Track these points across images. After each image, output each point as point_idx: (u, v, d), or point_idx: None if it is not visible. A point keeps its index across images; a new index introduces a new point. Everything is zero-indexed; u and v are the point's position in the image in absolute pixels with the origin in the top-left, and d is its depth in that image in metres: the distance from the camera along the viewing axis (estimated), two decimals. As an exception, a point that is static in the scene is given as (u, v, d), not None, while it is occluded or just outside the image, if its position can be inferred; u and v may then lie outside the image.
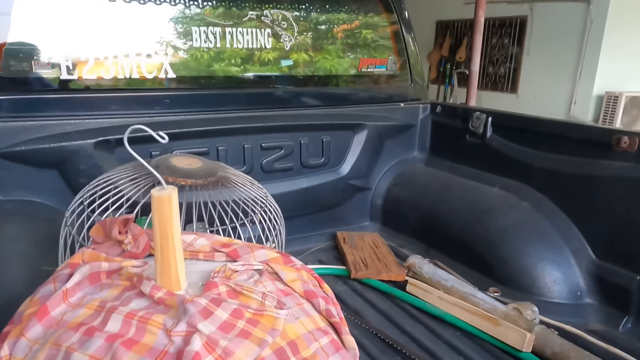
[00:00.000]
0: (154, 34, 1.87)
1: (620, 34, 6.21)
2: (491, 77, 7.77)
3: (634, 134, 1.53)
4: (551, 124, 1.84)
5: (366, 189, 2.30)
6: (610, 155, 1.59)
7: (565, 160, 1.74)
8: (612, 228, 1.61)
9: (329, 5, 2.16)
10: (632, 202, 1.54)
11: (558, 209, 1.76)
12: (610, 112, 6.24)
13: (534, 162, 1.85)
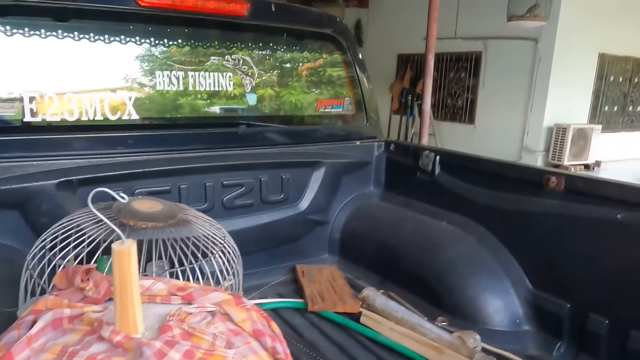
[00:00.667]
0: (118, 75, 1.96)
1: (566, 70, 6.69)
2: (450, 109, 8.15)
3: (561, 174, 1.71)
4: (490, 163, 2.02)
5: (324, 223, 2.41)
6: (542, 193, 1.76)
7: (504, 197, 1.91)
8: (545, 260, 1.77)
9: (288, 50, 2.31)
10: (561, 236, 1.71)
11: (499, 242, 1.91)
12: (560, 143, 6.65)
13: (477, 198, 2.02)
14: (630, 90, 7.47)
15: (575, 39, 6.61)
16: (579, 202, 1.65)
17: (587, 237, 1.63)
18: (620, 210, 1.53)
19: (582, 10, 6.54)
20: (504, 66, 7.15)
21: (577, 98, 6.99)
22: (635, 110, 7.65)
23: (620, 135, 7.55)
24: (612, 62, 7.13)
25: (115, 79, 1.93)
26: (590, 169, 6.81)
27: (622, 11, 6.93)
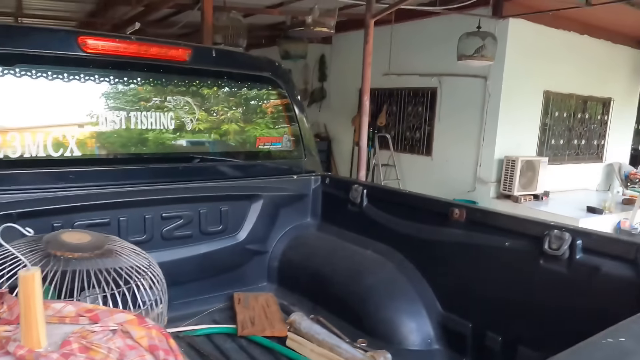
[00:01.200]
0: (62, 114, 2.10)
1: (514, 106, 7.13)
2: (409, 141, 8.49)
3: (462, 206, 1.93)
4: (406, 196, 2.23)
5: (263, 252, 2.56)
6: (448, 223, 1.97)
7: (419, 227, 2.11)
8: (452, 284, 1.96)
9: (228, 91, 2.51)
10: (464, 262, 1.91)
11: (415, 268, 2.10)
12: (510, 174, 7.02)
13: (397, 228, 2.21)
14: (574, 125, 7.98)
15: (522, 77, 7.08)
16: (477, 232, 1.86)
17: (483, 262, 1.84)
18: (507, 238, 1.74)
19: (527, 51, 7.05)
20: (458, 101, 7.57)
21: (526, 132, 7.43)
22: (580, 143, 8.15)
23: (566, 167, 8.01)
24: (557, 99, 7.64)
25: (60, 118, 2.07)
26: (539, 198, 7.18)
27: (564, 54, 7.49)
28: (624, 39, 8.11)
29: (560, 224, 1.62)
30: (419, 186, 8.24)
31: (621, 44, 8.19)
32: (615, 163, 8.69)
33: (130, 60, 2.16)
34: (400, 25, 8.19)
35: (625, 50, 8.35)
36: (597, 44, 7.92)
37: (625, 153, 9.02)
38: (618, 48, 8.21)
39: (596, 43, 7.90)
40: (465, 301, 1.89)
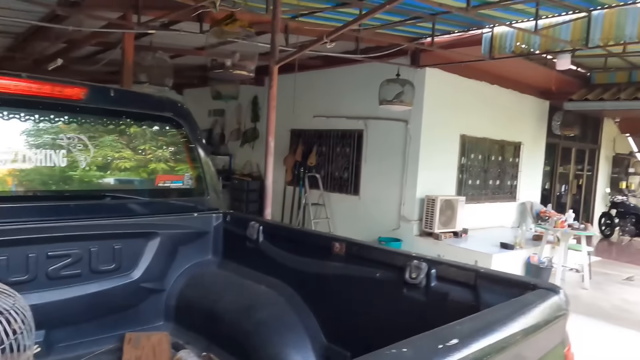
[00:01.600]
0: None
1: (433, 148, 7.59)
2: (338, 181, 8.74)
3: (342, 240, 2.05)
4: (296, 232, 2.34)
5: (160, 291, 2.54)
6: (331, 257, 2.08)
7: (307, 262, 2.21)
8: (334, 315, 2.05)
9: (126, 129, 2.54)
10: (344, 294, 2.02)
11: (303, 302, 2.18)
12: (430, 213, 7.38)
13: (288, 262, 2.30)
14: (489, 167, 8.59)
15: (440, 122, 7.60)
16: (354, 264, 1.98)
17: (359, 293, 1.95)
18: (378, 270, 1.87)
19: (444, 98, 7.60)
20: (382, 143, 7.95)
21: (446, 172, 7.90)
22: (495, 184, 8.75)
23: (483, 205, 8.54)
24: (473, 142, 8.22)
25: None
26: (459, 235, 7.57)
27: (478, 101, 8.14)
28: (529, 89, 8.96)
29: (419, 254, 1.78)
30: (347, 225, 8.44)
31: (528, 94, 9.04)
32: (528, 202, 9.38)
33: (24, 98, 2.16)
34: (329, 70, 8.61)
35: (532, 99, 9.21)
36: (506, 94, 8.69)
37: (536, 192, 9.76)
38: (525, 97, 9.05)
39: (506, 92, 8.67)
40: (345, 331, 1.98)
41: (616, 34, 5.30)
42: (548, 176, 10.31)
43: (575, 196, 11.08)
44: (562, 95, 8.83)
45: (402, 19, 5.70)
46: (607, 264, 8.38)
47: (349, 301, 1.98)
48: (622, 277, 7.48)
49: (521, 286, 1.43)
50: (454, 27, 6.19)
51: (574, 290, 6.72)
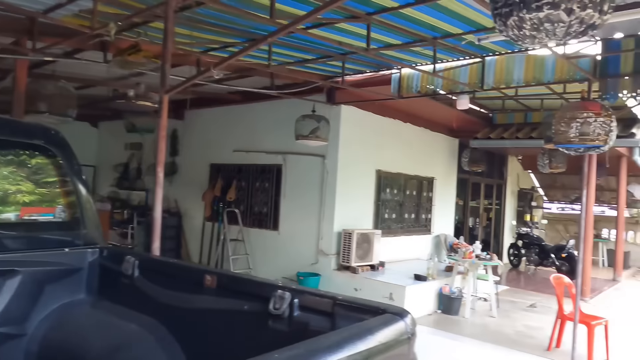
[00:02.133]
0: None
1: (350, 182, 7.74)
2: (257, 216, 8.61)
3: (214, 272, 1.96)
4: (170, 265, 2.21)
5: (20, 335, 2.27)
6: (203, 291, 1.97)
7: (180, 297, 2.08)
8: (203, 351, 1.93)
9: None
10: (214, 330, 1.91)
11: (174, 339, 2.03)
12: (347, 246, 7.43)
13: (163, 299, 2.15)
14: (404, 201, 8.88)
15: (355, 157, 7.79)
16: (225, 297, 1.89)
17: (228, 327, 1.85)
18: (246, 302, 1.79)
19: (359, 134, 7.84)
20: (301, 178, 7.99)
21: (363, 206, 8.05)
22: (410, 217, 9.04)
23: (400, 238, 8.76)
24: (388, 177, 8.49)
25: None
26: (375, 268, 7.66)
27: (392, 138, 8.48)
28: (440, 128, 9.50)
29: (284, 284, 1.73)
30: (267, 260, 8.28)
31: (438, 132, 9.57)
32: (442, 234, 9.76)
33: None
34: (249, 105, 8.62)
35: (443, 137, 9.76)
36: (419, 131, 9.14)
37: (449, 225, 10.20)
38: (436, 135, 9.57)
39: (418, 130, 9.12)
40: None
41: (506, 78, 5.79)
42: (460, 209, 10.84)
43: (486, 228, 11.72)
44: (469, 134, 9.44)
45: (314, 57, 5.86)
46: (514, 292, 8.82)
47: (218, 336, 1.87)
48: (527, 304, 7.89)
49: (372, 311, 1.42)
50: (365, 67, 6.47)
51: (483, 318, 6.97)
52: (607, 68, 5.15)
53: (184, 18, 4.35)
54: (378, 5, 4.12)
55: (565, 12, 2.05)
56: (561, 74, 5.43)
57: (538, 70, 5.58)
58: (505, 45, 5.29)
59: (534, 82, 5.61)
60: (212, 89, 7.82)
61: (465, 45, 5.15)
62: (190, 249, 9.59)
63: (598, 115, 4.76)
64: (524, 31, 2.20)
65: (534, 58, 5.61)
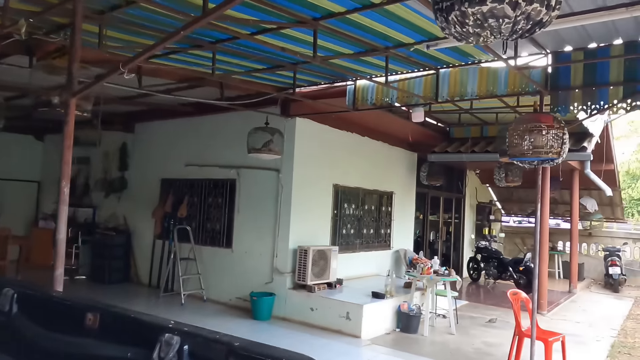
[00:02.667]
0: None
1: (306, 197, 7.41)
2: (210, 233, 8.15)
3: (97, 309, 1.58)
4: (50, 300, 1.81)
5: None
6: (83, 332, 1.59)
7: (60, 340, 1.68)
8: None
9: None
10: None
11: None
12: (303, 264, 7.07)
13: (43, 342, 1.75)
14: (363, 216, 8.62)
15: (312, 171, 7.49)
16: (108, 341, 1.51)
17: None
18: (130, 348, 1.42)
19: (316, 148, 7.55)
20: (255, 193, 7.61)
21: (320, 222, 7.72)
22: (369, 232, 8.79)
23: (359, 254, 8.47)
24: (346, 192, 8.22)
25: None
26: (333, 286, 7.32)
27: (350, 152, 8.24)
28: (398, 142, 9.34)
29: (178, 324, 1.37)
30: (220, 280, 7.82)
31: (397, 146, 9.41)
32: (402, 249, 9.55)
33: None
34: (202, 117, 8.22)
35: (401, 151, 9.60)
36: (377, 145, 8.95)
37: (409, 240, 10.01)
38: (395, 149, 9.41)
39: (376, 144, 8.93)
40: None
41: (460, 91, 5.65)
42: (420, 224, 10.69)
43: (446, 242, 11.62)
44: (427, 148, 9.33)
45: (264, 66, 5.56)
46: (473, 307, 8.66)
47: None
48: (486, 319, 7.72)
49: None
50: (319, 78, 6.21)
51: (442, 336, 6.73)
52: (558, 81, 5.07)
53: (116, 20, 3.97)
54: (324, 10, 3.87)
55: (510, 5, 1.82)
56: (514, 86, 5.32)
57: (491, 82, 5.47)
58: (458, 57, 5.16)
59: (487, 95, 5.48)
60: (162, 99, 7.40)
61: (417, 56, 4.97)
62: (140, 269, 8.99)
63: (551, 128, 4.64)
64: (467, 28, 1.96)
65: (487, 70, 5.51)
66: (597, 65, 4.86)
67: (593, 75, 4.88)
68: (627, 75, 4.71)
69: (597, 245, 13.29)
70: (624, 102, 4.75)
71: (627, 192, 24.54)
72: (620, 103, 4.77)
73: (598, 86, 4.87)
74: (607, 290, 11.60)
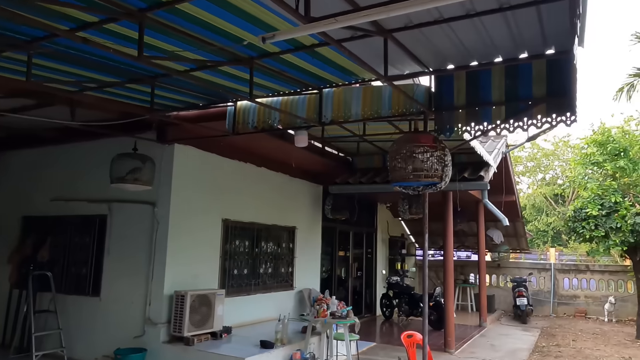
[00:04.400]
0: None
1: (188, 234, 6.39)
2: (74, 279, 6.83)
3: None
4: None
5: None
6: None
7: None
8: None
9: None
10: None
11: None
12: (180, 312, 5.97)
13: None
14: (259, 254, 7.71)
15: (195, 205, 6.53)
16: None
17: None
18: None
19: (200, 179, 6.62)
20: (128, 230, 6.48)
21: (205, 263, 6.71)
22: (267, 272, 7.87)
23: (254, 297, 7.49)
24: (238, 228, 7.30)
25: None
26: (218, 337, 6.25)
27: (244, 183, 7.39)
28: (300, 173, 8.63)
29: None
30: (84, 335, 6.47)
31: (299, 177, 8.70)
32: (306, 289, 8.68)
33: None
34: (72, 145, 7.06)
35: (304, 183, 8.90)
36: (276, 176, 8.18)
37: (315, 278, 9.19)
38: (297, 181, 8.69)
39: (275, 175, 8.16)
40: None
41: (345, 112, 5.07)
42: (328, 260, 9.95)
43: (358, 279, 10.94)
44: (331, 180, 8.71)
45: (115, 79, 4.64)
46: (381, 348, 7.90)
47: None
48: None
49: None
50: (195, 99, 5.37)
51: (338, 388, 5.86)
52: (441, 101, 4.63)
53: None
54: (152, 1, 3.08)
55: None
56: (398, 106, 4.81)
57: (375, 102, 4.94)
58: (341, 76, 4.61)
59: (372, 116, 4.94)
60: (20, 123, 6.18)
61: (299, 74, 4.35)
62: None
63: (433, 149, 4.11)
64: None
65: (371, 90, 4.98)
66: (479, 85, 4.47)
67: (476, 95, 4.47)
68: (508, 94, 4.34)
69: (506, 276, 13.25)
70: (506, 122, 4.36)
71: (534, 224, 25.67)
72: (503, 123, 4.37)
73: (481, 106, 4.47)
74: (516, 321, 11.41)
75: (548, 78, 4.19)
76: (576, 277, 12.99)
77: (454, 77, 4.57)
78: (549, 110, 4.20)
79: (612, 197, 9.63)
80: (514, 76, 4.32)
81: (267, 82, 4.75)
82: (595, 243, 10.17)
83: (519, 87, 4.30)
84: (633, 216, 9.26)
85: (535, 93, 4.22)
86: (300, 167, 8.34)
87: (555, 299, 12.92)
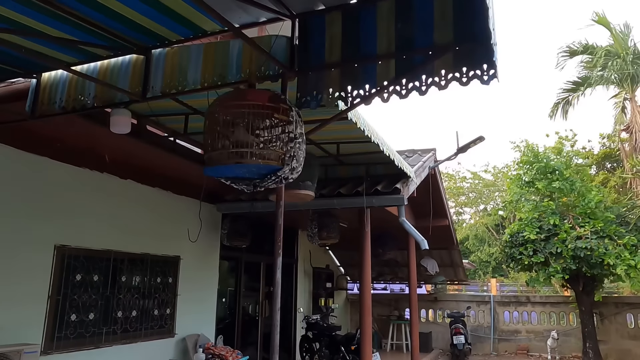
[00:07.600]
0: None
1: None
2: None
3: None
4: None
5: None
6: None
7: None
8: None
9: None
10: None
11: None
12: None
13: None
14: (117, 291, 5.67)
15: (4, 227, 4.52)
16: None
17: None
18: None
19: (11, 188, 4.66)
20: None
21: (21, 305, 4.63)
22: (129, 315, 5.80)
23: (104, 351, 5.38)
24: (83, 257, 5.28)
25: None
26: (19, 416, 4.11)
27: (95, 204, 5.45)
28: (188, 189, 6.74)
29: None
30: None
31: (185, 195, 6.82)
32: (193, 335, 6.63)
33: None
34: None
35: (192, 202, 6.96)
36: (151, 193, 6.28)
37: (209, 321, 7.16)
38: (182, 199, 6.79)
39: (150, 191, 6.26)
40: None
41: (179, 79, 3.35)
42: (232, 298, 7.96)
43: (269, 319, 8.94)
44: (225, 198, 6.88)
45: None
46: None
47: None
48: None
49: None
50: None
51: None
52: (308, 56, 3.02)
53: None
54: None
55: None
56: (249, 68, 3.15)
57: (220, 64, 3.25)
58: (179, 29, 3.01)
59: (216, 83, 3.24)
60: None
61: (121, 26, 2.63)
62: None
63: (268, 113, 2.42)
64: None
65: (214, 47, 3.31)
66: (360, 31, 2.90)
67: (355, 46, 2.89)
68: (400, 43, 2.78)
69: (444, 310, 11.63)
70: (397, 82, 2.77)
71: (477, 254, 24.63)
72: (392, 85, 2.78)
73: (362, 61, 2.89)
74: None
75: (455, 17, 2.67)
76: (517, 309, 11.55)
77: (325, 23, 2.99)
78: (457, 62, 2.65)
79: (551, 219, 8.34)
80: (407, 17, 2.79)
81: (78, 38, 3.04)
82: (534, 271, 8.78)
83: (415, 31, 2.76)
84: (574, 240, 7.96)
85: (438, 39, 2.68)
86: (192, 181, 6.45)
87: (495, 335, 11.37)
